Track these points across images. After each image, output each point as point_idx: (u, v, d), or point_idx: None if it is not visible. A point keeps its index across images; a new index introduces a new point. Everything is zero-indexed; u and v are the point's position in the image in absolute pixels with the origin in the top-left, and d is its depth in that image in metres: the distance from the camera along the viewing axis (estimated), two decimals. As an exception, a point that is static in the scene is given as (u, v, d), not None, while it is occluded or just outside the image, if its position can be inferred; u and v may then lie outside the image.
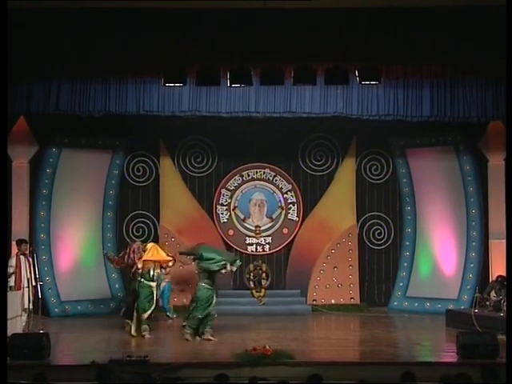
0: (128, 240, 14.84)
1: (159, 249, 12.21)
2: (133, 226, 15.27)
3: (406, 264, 15.13)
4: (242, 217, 15.53)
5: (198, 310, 11.12)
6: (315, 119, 13.28)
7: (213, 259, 11.23)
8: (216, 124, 13.97)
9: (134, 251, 11.92)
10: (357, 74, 11.93)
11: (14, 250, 12.11)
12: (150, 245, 12.28)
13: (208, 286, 11.22)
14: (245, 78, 11.99)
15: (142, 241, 14.87)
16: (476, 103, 12.35)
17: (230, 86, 12.07)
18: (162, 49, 11.89)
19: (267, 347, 9.79)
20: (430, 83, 12.42)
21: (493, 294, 12.40)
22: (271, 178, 15.60)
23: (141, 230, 15.27)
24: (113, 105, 12.42)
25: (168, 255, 12.39)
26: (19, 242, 11.84)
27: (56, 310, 14.01)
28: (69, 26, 11.60)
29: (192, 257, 11.59)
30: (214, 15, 11.49)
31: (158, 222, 15.18)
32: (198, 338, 11.13)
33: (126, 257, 12.00)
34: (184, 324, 11.32)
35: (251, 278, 15.13)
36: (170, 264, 13.04)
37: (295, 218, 15.55)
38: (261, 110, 12.72)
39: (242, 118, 13.11)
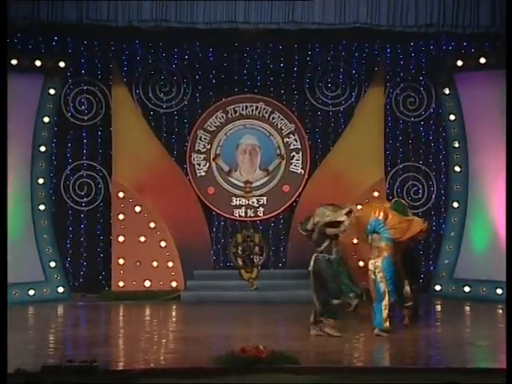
0: (68, 200, 14.86)
1: None
2: (74, 182, 15.24)
3: (453, 233, 15.22)
4: (226, 169, 15.52)
5: None
6: (328, 33, 13.27)
7: None
8: (190, 40, 13.91)
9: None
10: (387, -34, 11.90)
11: None
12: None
13: None
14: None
15: (88, 201, 15.00)
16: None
17: (210, -15, 12.04)
18: None
19: (261, 348, 9.83)
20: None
21: None
22: (267, 116, 15.58)
23: (86, 188, 15.24)
24: (44, 10, 12.29)
25: None
26: None
27: (-31, 297, 14.07)
28: None
29: None
30: None
31: (110, 177, 15.16)
32: None
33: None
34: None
35: (239, 253, 15.20)
36: None
37: (300, 171, 15.57)
38: (252, 20, 12.67)
39: (226, 32, 13.09)
